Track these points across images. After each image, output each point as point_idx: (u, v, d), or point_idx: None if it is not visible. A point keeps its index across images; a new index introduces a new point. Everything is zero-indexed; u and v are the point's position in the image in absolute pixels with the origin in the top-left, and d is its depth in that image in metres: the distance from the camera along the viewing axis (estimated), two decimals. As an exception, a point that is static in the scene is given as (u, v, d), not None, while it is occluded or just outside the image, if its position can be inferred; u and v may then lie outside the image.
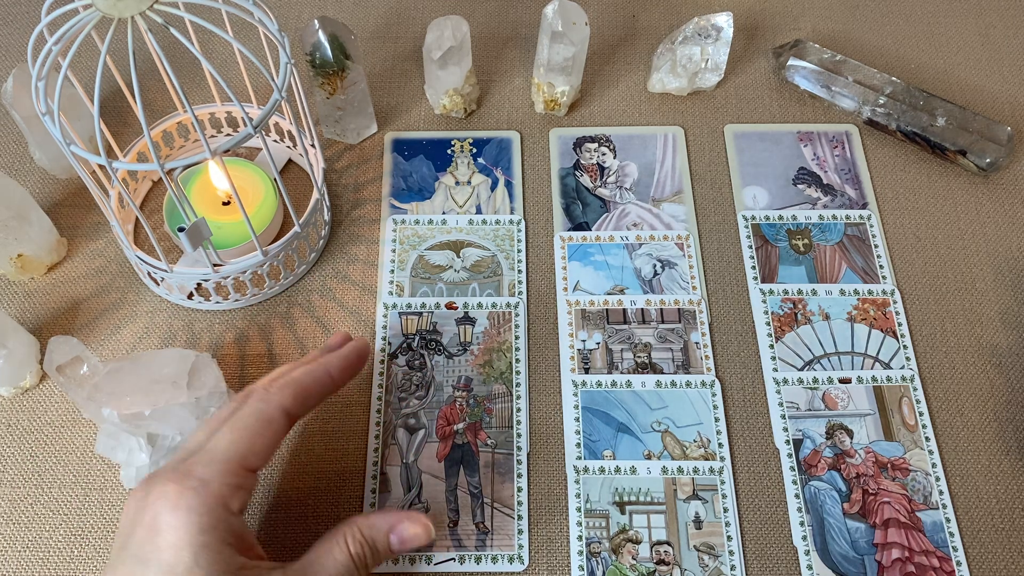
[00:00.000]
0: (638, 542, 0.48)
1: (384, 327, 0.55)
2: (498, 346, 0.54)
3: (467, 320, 0.55)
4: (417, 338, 0.54)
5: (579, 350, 0.54)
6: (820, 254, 0.58)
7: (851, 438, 0.51)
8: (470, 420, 0.52)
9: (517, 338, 0.54)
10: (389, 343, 0.54)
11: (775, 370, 0.54)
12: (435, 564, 0.47)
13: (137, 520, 0.37)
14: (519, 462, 0.50)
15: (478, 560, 0.48)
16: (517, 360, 0.54)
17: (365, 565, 0.41)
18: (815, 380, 0.53)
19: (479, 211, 0.60)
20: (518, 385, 0.53)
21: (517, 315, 0.55)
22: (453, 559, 0.48)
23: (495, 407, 0.52)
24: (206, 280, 0.53)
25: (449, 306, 0.55)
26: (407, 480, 0.50)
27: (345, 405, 0.52)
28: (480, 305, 0.55)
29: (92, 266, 0.57)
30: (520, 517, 0.49)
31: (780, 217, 0.60)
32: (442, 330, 0.55)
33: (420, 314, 0.55)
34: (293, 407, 0.42)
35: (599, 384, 0.53)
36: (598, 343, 0.54)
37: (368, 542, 0.41)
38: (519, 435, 0.51)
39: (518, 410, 0.52)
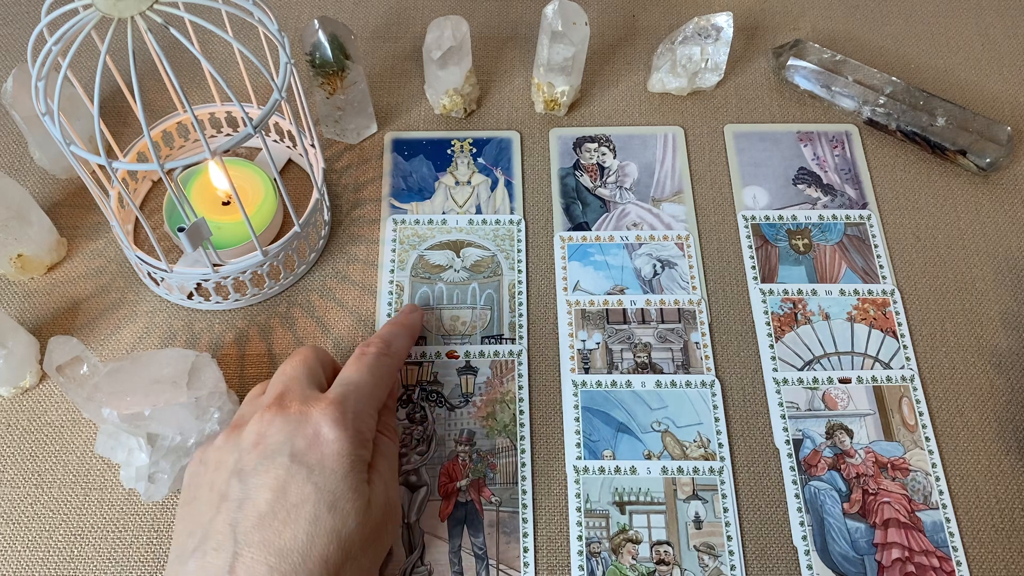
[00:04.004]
0: (638, 542, 0.48)
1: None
2: (501, 397, 0.52)
3: (468, 370, 0.53)
4: (417, 389, 0.53)
5: (579, 350, 0.54)
6: (820, 254, 0.58)
7: (851, 438, 0.51)
8: (473, 476, 0.50)
9: (520, 388, 0.53)
10: None
11: (775, 370, 0.54)
12: None
13: (296, 430, 0.41)
14: (525, 521, 0.49)
15: None
16: (521, 412, 0.52)
17: None
18: (815, 380, 0.53)
19: (479, 211, 0.60)
20: (522, 439, 0.51)
21: (520, 364, 0.53)
22: None
23: (499, 462, 0.50)
24: (206, 280, 0.53)
25: (450, 355, 0.54)
26: (409, 541, 0.48)
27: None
28: (482, 354, 0.54)
29: (92, 266, 0.57)
30: None
31: (780, 217, 0.60)
32: (443, 380, 0.53)
33: (420, 364, 0.54)
34: (400, 367, 0.50)
35: (599, 384, 0.53)
36: (598, 343, 0.54)
37: None
38: (524, 492, 0.49)
39: (523, 465, 0.50)
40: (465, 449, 0.51)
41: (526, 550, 0.48)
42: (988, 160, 0.60)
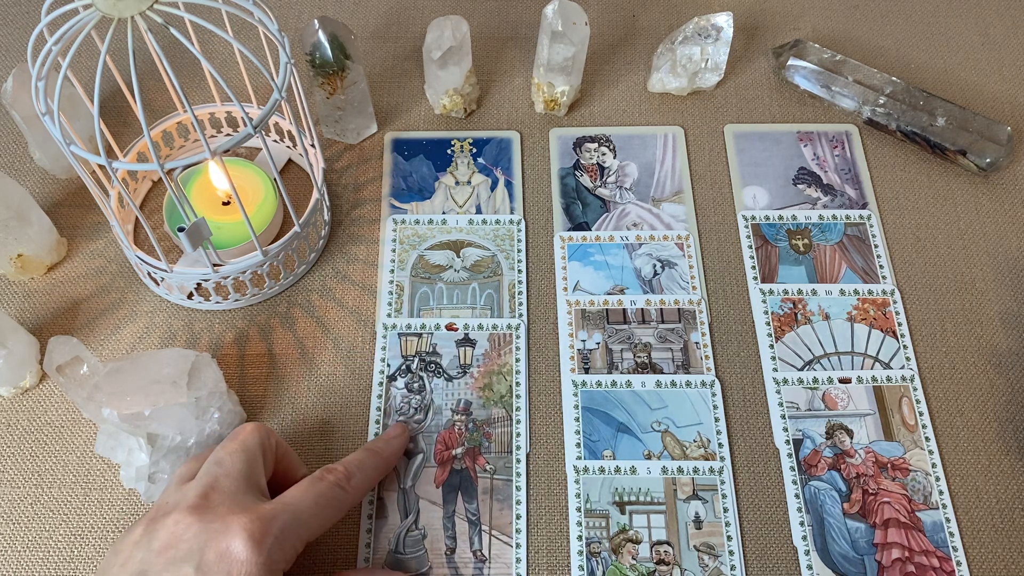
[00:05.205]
0: (638, 542, 0.48)
1: (383, 348, 0.54)
2: (498, 369, 0.53)
3: (467, 342, 0.54)
4: (416, 360, 0.53)
5: (579, 350, 0.54)
6: (820, 254, 0.58)
7: (851, 438, 0.51)
8: (469, 445, 0.51)
9: (518, 360, 0.53)
10: (388, 364, 0.53)
11: (775, 370, 0.54)
12: None
13: (210, 541, 0.38)
14: (518, 488, 0.50)
15: None
16: (517, 384, 0.53)
17: None
18: (815, 380, 0.53)
19: (479, 211, 0.60)
20: (518, 409, 0.52)
21: (518, 337, 0.54)
22: None
23: (494, 432, 0.51)
24: (206, 280, 0.53)
25: (449, 327, 0.54)
26: (404, 506, 0.49)
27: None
28: (481, 327, 0.54)
29: (92, 266, 0.57)
30: (519, 545, 0.48)
31: (780, 217, 0.60)
32: (442, 352, 0.54)
33: (420, 335, 0.54)
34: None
35: (599, 384, 0.53)
36: (598, 343, 0.54)
37: None
38: (518, 461, 0.50)
39: (518, 435, 0.51)
40: (461, 419, 0.52)
41: (519, 516, 0.49)
42: (988, 160, 0.60)
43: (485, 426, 0.51)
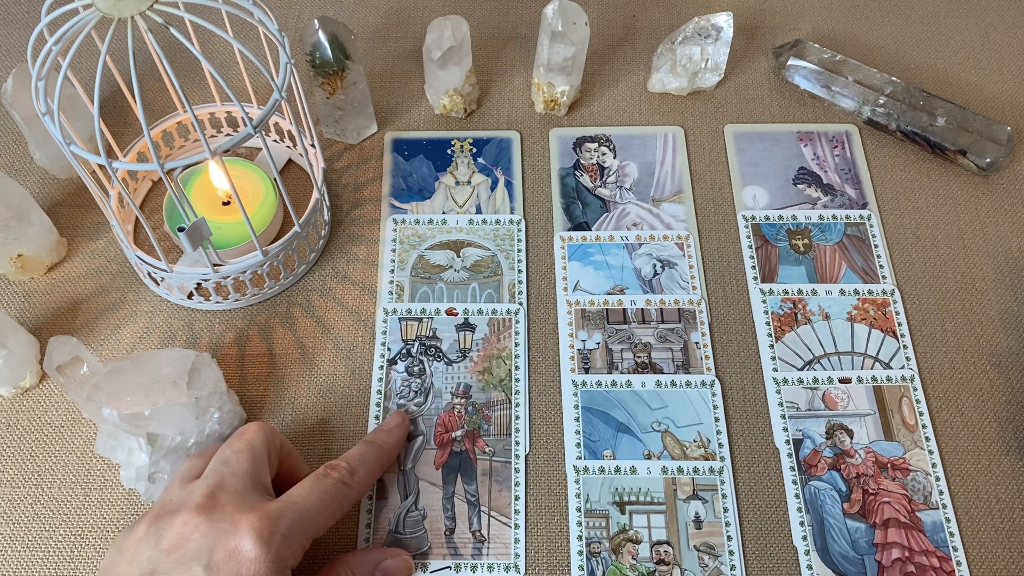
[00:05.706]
0: (638, 542, 0.48)
1: (384, 332, 0.55)
2: (497, 353, 0.54)
3: (467, 327, 0.55)
4: (416, 344, 0.54)
5: (579, 350, 0.54)
6: (820, 254, 0.58)
7: (851, 438, 0.51)
8: (468, 427, 0.51)
9: (517, 345, 0.54)
10: (388, 348, 0.54)
11: (775, 370, 0.54)
12: (431, 572, 0.47)
13: (219, 540, 0.39)
14: (517, 470, 0.50)
15: (474, 568, 0.47)
16: (516, 368, 0.53)
17: None
18: (815, 380, 0.53)
19: (479, 211, 0.60)
20: (517, 393, 0.52)
21: (517, 322, 0.55)
22: (449, 567, 0.47)
23: (493, 415, 0.52)
24: (206, 280, 0.53)
25: (449, 312, 0.55)
26: (404, 487, 0.50)
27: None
28: (480, 311, 0.55)
29: (92, 266, 0.57)
30: (517, 526, 0.49)
31: (780, 217, 0.60)
32: (442, 336, 0.54)
33: (420, 320, 0.55)
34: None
35: (599, 384, 0.53)
36: (598, 343, 0.54)
37: None
38: (517, 443, 0.51)
39: (516, 418, 0.52)
40: (461, 402, 0.52)
41: (517, 498, 0.49)
42: (988, 160, 0.60)
43: (484, 409, 0.52)
